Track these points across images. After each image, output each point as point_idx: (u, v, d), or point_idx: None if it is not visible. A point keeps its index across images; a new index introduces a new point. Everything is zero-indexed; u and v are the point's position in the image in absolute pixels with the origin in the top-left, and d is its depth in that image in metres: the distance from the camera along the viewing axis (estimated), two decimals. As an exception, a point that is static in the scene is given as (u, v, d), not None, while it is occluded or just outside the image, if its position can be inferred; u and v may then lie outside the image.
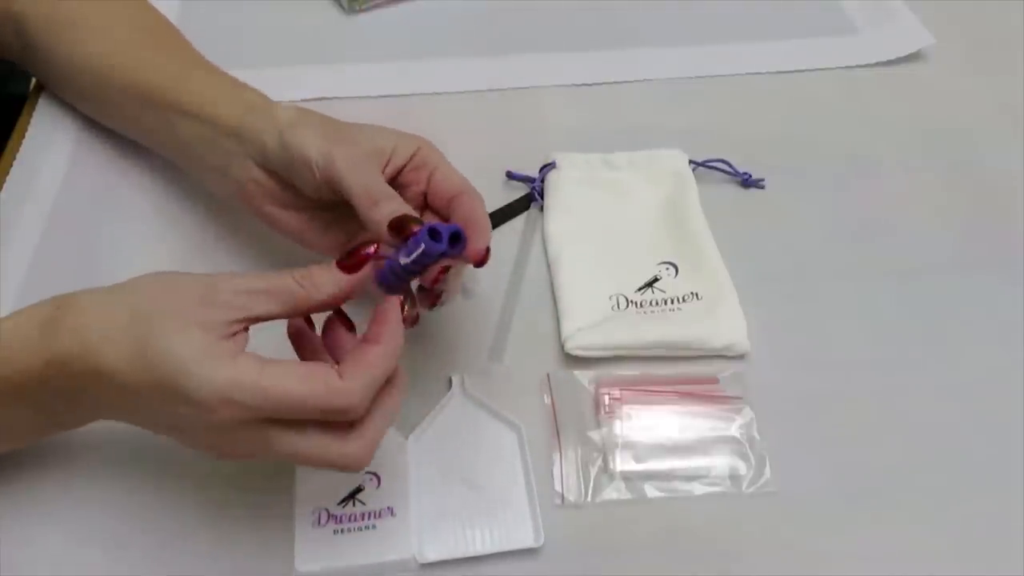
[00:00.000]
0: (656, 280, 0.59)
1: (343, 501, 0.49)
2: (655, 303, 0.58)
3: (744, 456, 0.51)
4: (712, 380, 0.54)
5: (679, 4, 0.81)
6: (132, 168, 0.65)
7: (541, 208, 0.64)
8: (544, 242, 0.62)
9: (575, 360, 0.55)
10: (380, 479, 0.50)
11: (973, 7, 0.82)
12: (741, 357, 0.56)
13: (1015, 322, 0.58)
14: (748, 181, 0.66)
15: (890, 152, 0.69)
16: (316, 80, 0.72)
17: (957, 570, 0.48)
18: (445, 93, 0.72)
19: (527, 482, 0.50)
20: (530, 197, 0.65)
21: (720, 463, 0.51)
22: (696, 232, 0.61)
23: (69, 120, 0.67)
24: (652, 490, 0.50)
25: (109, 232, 0.61)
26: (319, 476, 0.49)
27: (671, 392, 0.54)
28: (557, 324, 0.57)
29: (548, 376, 0.54)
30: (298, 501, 0.49)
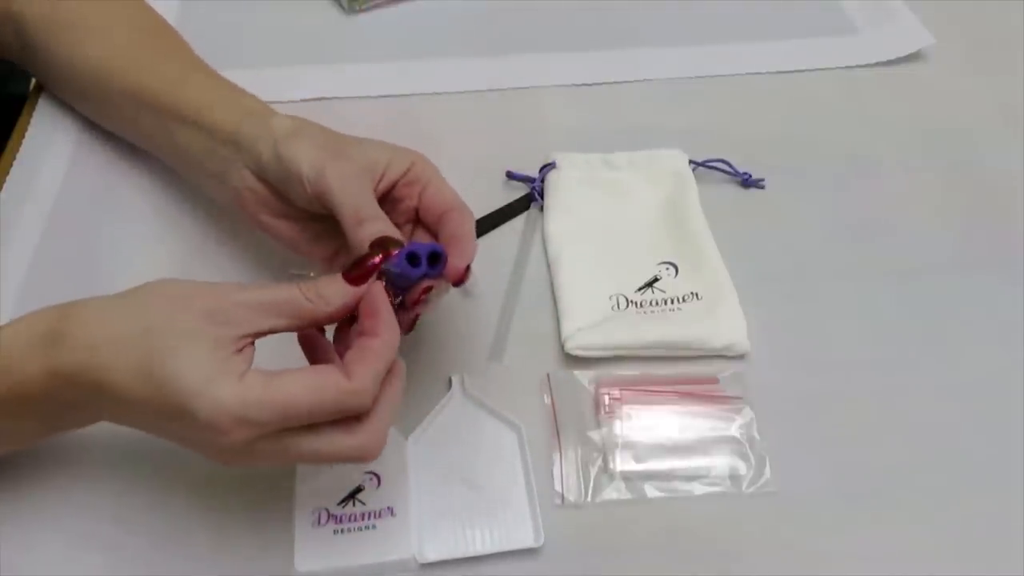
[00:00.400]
0: (656, 280, 0.59)
1: (343, 501, 0.49)
2: (655, 303, 0.58)
3: (744, 456, 0.51)
4: (712, 380, 0.54)
5: (679, 4, 0.81)
6: (132, 169, 0.65)
7: (541, 208, 0.64)
8: (544, 242, 0.62)
9: (575, 360, 0.55)
10: (380, 479, 0.50)
11: (973, 7, 0.82)
12: (741, 357, 0.56)
13: (1015, 322, 0.58)
14: (748, 181, 0.66)
15: (890, 152, 0.69)
16: (316, 80, 0.72)
17: (957, 570, 0.48)
18: (445, 93, 0.72)
19: (527, 482, 0.50)
20: (530, 197, 0.65)
21: (720, 463, 0.51)
22: (696, 232, 0.61)
23: (69, 120, 0.67)
24: (652, 490, 0.50)
25: (109, 232, 0.61)
26: (319, 476, 0.49)
27: (671, 392, 0.54)
28: (557, 324, 0.57)
29: (548, 376, 0.54)
30: (298, 501, 0.49)
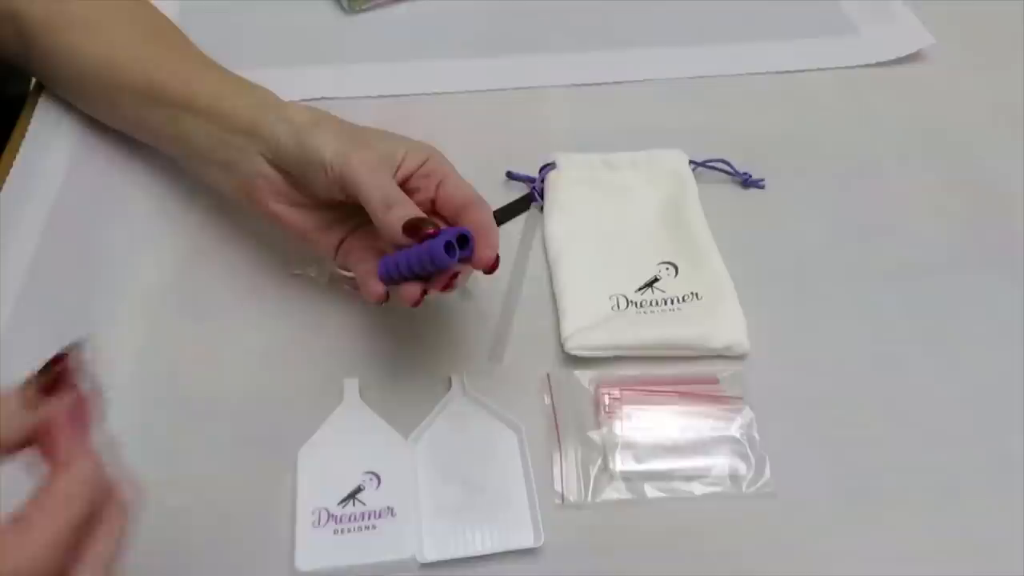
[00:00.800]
0: (656, 280, 0.59)
1: (343, 501, 0.49)
2: (655, 303, 0.58)
3: (744, 456, 0.51)
4: (712, 380, 0.54)
5: (679, 4, 0.81)
6: (133, 168, 0.65)
7: (541, 208, 0.64)
8: (544, 242, 0.62)
9: (575, 360, 0.55)
10: (380, 479, 0.50)
11: (973, 7, 0.82)
12: (741, 357, 0.56)
13: (1015, 322, 0.58)
14: (748, 181, 0.66)
15: (890, 152, 0.69)
16: (316, 80, 0.72)
17: (957, 570, 0.48)
18: (445, 93, 0.72)
19: (527, 482, 0.50)
20: (530, 197, 0.65)
21: (720, 463, 0.51)
22: (696, 232, 0.61)
23: (69, 120, 0.67)
24: (652, 490, 0.50)
25: (109, 232, 0.61)
26: (319, 476, 0.49)
27: (671, 392, 0.54)
28: (557, 324, 0.57)
29: (548, 376, 0.54)
30: (298, 501, 0.49)
